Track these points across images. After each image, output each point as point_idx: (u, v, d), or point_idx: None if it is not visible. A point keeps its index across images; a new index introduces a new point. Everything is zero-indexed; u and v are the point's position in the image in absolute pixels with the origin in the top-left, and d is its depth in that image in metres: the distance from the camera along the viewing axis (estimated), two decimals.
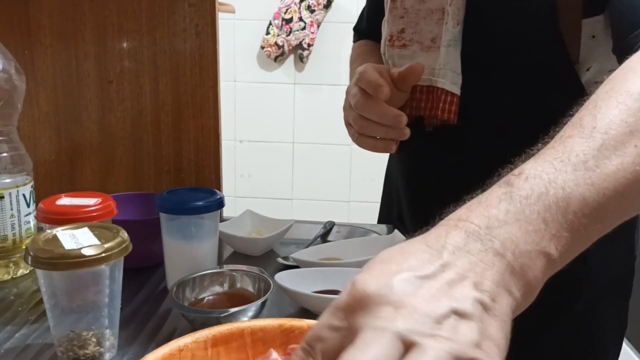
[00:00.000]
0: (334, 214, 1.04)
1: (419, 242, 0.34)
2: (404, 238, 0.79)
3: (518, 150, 0.41)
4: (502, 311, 0.32)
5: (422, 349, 0.29)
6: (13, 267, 0.76)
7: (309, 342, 0.33)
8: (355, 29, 0.97)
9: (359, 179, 2.33)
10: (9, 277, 0.76)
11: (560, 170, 0.36)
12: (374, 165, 2.26)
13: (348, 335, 0.31)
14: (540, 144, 0.40)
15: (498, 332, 0.31)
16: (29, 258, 0.54)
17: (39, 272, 0.55)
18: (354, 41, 0.96)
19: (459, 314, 0.30)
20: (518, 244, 0.34)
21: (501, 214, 0.35)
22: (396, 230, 0.82)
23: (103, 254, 0.54)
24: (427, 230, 0.36)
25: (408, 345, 0.30)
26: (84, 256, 0.53)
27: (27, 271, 0.77)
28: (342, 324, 0.32)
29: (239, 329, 0.54)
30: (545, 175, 0.36)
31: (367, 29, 0.92)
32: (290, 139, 2.39)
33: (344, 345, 0.31)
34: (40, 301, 0.70)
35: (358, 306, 0.31)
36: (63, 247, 0.54)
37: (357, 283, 0.32)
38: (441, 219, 0.36)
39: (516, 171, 0.37)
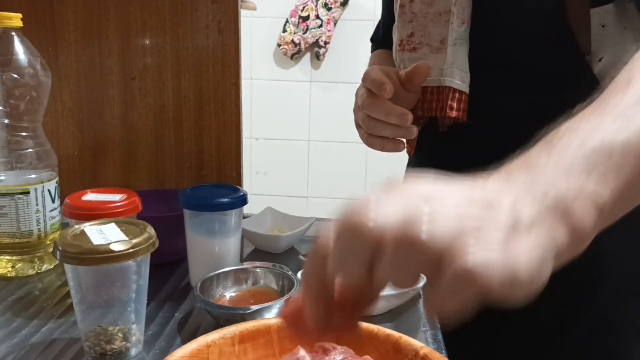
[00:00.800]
0: None
1: (456, 182, 0.34)
2: None
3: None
4: (539, 241, 0.32)
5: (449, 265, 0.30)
6: (38, 262, 0.76)
7: (316, 255, 0.35)
8: (372, 39, 0.98)
9: (374, 178, 2.32)
10: (34, 272, 0.76)
11: (600, 122, 0.36)
12: (390, 164, 2.26)
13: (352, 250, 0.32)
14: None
15: (523, 252, 0.31)
16: (58, 253, 0.54)
17: (67, 267, 0.56)
18: (372, 51, 0.97)
19: (480, 230, 0.31)
20: (560, 188, 0.33)
21: (541, 161, 0.34)
22: None
23: (131, 250, 0.54)
24: None
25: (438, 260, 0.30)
26: (113, 252, 0.54)
27: (52, 266, 0.78)
28: (346, 242, 0.33)
29: (265, 326, 0.54)
30: (584, 126, 0.36)
31: (383, 38, 0.92)
32: (306, 137, 2.38)
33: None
34: (65, 296, 0.70)
35: (366, 231, 0.32)
36: (91, 242, 0.54)
37: (370, 207, 0.32)
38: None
39: (552, 133, 0.37)
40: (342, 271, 0.33)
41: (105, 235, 0.56)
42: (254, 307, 0.61)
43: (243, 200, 0.73)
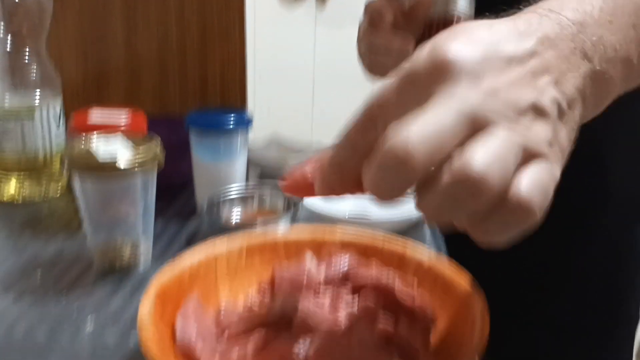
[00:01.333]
0: None
1: (507, 23, 0.31)
2: None
3: None
4: (573, 120, 0.31)
5: (493, 133, 0.27)
6: (45, 185, 0.77)
7: (370, 109, 0.30)
8: None
9: None
10: (41, 194, 0.77)
11: None
12: None
13: (416, 104, 0.28)
14: None
15: (566, 140, 0.30)
16: (65, 165, 0.54)
17: (75, 180, 0.56)
18: None
19: (538, 110, 0.28)
20: (606, 49, 0.32)
21: (595, 12, 0.33)
22: None
23: (137, 163, 0.54)
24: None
25: (477, 127, 0.27)
26: (120, 165, 0.53)
27: (59, 189, 0.78)
28: (411, 91, 0.29)
29: (272, 240, 0.54)
30: None
31: None
32: (310, 75, 2.35)
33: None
34: (73, 218, 0.71)
35: (434, 72, 0.28)
36: (98, 155, 0.54)
37: (438, 46, 0.29)
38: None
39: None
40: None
41: (112, 149, 0.56)
42: (260, 224, 0.62)
43: (249, 122, 0.72)
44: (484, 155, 0.26)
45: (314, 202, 0.69)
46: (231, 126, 0.70)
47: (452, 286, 0.47)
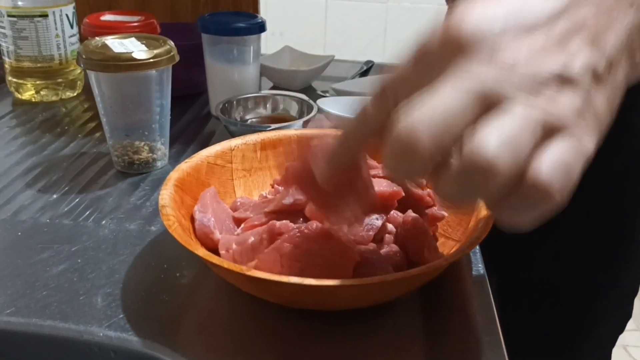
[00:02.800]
0: None
1: None
2: None
3: None
4: (616, 82, 0.27)
5: (507, 110, 0.25)
6: (61, 89, 0.78)
7: (384, 85, 0.29)
8: None
9: (393, 39, 2.26)
10: (58, 98, 0.78)
11: None
12: (411, 25, 2.19)
13: (429, 82, 0.27)
14: None
15: (604, 107, 0.26)
16: (81, 61, 0.55)
17: (91, 76, 0.57)
18: None
19: (564, 80, 0.25)
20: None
21: None
22: None
23: (152, 59, 0.55)
24: None
25: (490, 104, 0.25)
26: (135, 59, 0.54)
27: (75, 94, 0.79)
28: (425, 67, 0.27)
29: (286, 136, 0.55)
30: None
31: None
32: None
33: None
34: (90, 119, 0.72)
35: (448, 47, 0.26)
36: (113, 51, 0.55)
37: (454, 17, 0.26)
38: None
39: None
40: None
41: (127, 46, 0.56)
42: (275, 126, 0.63)
43: (262, 27, 0.72)
44: (494, 138, 0.24)
45: (328, 106, 0.69)
46: (244, 29, 0.70)
47: None
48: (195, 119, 0.75)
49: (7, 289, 0.43)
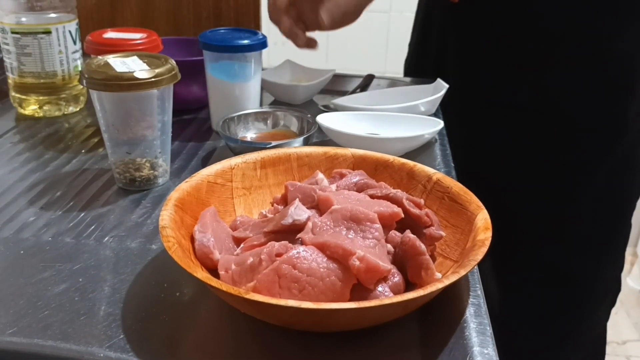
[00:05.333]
0: None
1: None
2: (447, 86, 0.78)
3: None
4: None
5: None
6: (64, 104, 0.78)
7: None
8: None
9: (396, 49, 2.27)
10: (61, 113, 0.79)
11: None
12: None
13: None
14: None
15: None
16: (84, 80, 0.56)
17: (93, 95, 0.57)
18: None
19: None
20: None
21: None
22: (439, 79, 0.81)
23: (154, 79, 0.56)
24: None
25: None
26: (137, 79, 0.55)
27: (77, 109, 0.80)
28: None
29: (286, 154, 0.56)
30: None
31: None
32: None
33: None
34: (93, 135, 0.73)
35: None
36: (115, 70, 0.55)
37: None
38: None
39: None
40: None
41: (129, 65, 0.57)
42: (276, 143, 0.63)
43: (263, 44, 0.73)
44: None
45: (328, 122, 0.70)
46: (246, 47, 0.71)
47: (458, 201, 0.48)
48: (196, 134, 0.76)
49: (9, 308, 0.43)
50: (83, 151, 0.69)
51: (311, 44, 0.78)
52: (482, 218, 0.45)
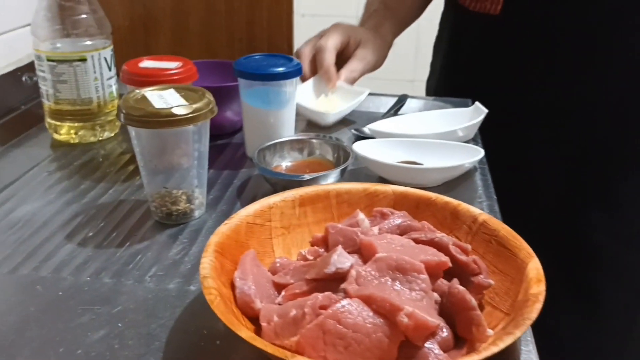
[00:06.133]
0: (395, 93, 1.02)
1: None
2: (486, 111, 0.76)
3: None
4: None
5: None
6: (99, 130, 0.78)
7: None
8: None
9: (426, 59, 2.24)
10: (96, 139, 0.79)
11: None
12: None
13: None
14: None
15: None
16: (122, 116, 0.55)
17: (131, 130, 0.57)
18: None
19: None
20: None
21: None
22: (477, 103, 0.79)
23: (192, 114, 0.55)
24: None
25: None
26: (175, 115, 0.54)
27: (113, 134, 0.80)
28: None
29: (325, 191, 0.55)
30: None
31: None
32: (353, 13, 2.29)
33: None
34: (128, 162, 0.73)
35: None
36: (153, 106, 0.55)
37: None
38: None
39: None
40: None
41: (166, 100, 0.56)
42: (312, 175, 0.62)
43: (298, 71, 0.71)
44: None
45: (365, 151, 0.68)
46: (281, 75, 0.70)
47: (507, 247, 0.47)
48: (231, 161, 0.75)
49: (49, 357, 0.43)
50: (119, 181, 0.69)
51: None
52: (534, 268, 0.43)
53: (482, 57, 0.85)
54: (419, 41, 2.27)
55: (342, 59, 0.85)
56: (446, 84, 0.97)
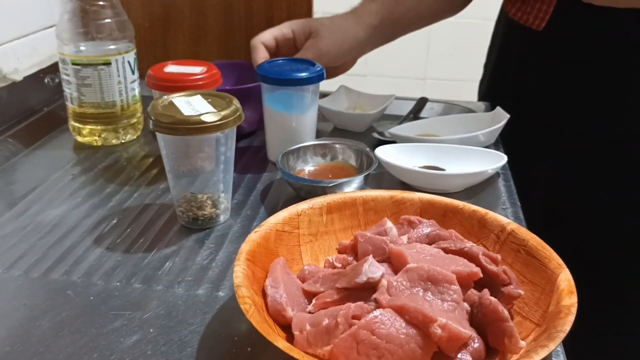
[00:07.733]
0: (407, 91, 1.01)
1: None
2: (508, 116, 0.76)
3: None
4: None
5: None
6: (122, 133, 0.79)
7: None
8: None
9: (436, 55, 2.24)
10: (119, 142, 0.79)
11: None
12: (453, 40, 2.16)
13: None
14: None
15: None
16: (151, 123, 0.56)
17: (159, 136, 0.57)
18: None
19: None
20: None
21: None
22: (498, 107, 0.79)
23: (220, 122, 0.55)
24: None
25: None
26: (204, 122, 0.55)
27: (135, 137, 0.81)
28: None
29: (351, 198, 0.55)
30: None
31: None
32: None
33: None
34: (151, 166, 0.73)
35: None
36: (182, 113, 0.55)
37: None
38: None
39: None
40: None
41: (194, 106, 0.57)
42: (336, 181, 0.63)
43: (321, 76, 0.72)
44: None
45: (387, 156, 0.69)
46: (304, 80, 0.70)
47: (536, 257, 0.47)
48: (253, 164, 0.75)
49: None
50: (144, 185, 0.69)
51: None
52: (565, 279, 0.43)
53: (527, 68, 0.83)
54: (429, 39, 2.27)
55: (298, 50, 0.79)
56: (494, 91, 0.95)
